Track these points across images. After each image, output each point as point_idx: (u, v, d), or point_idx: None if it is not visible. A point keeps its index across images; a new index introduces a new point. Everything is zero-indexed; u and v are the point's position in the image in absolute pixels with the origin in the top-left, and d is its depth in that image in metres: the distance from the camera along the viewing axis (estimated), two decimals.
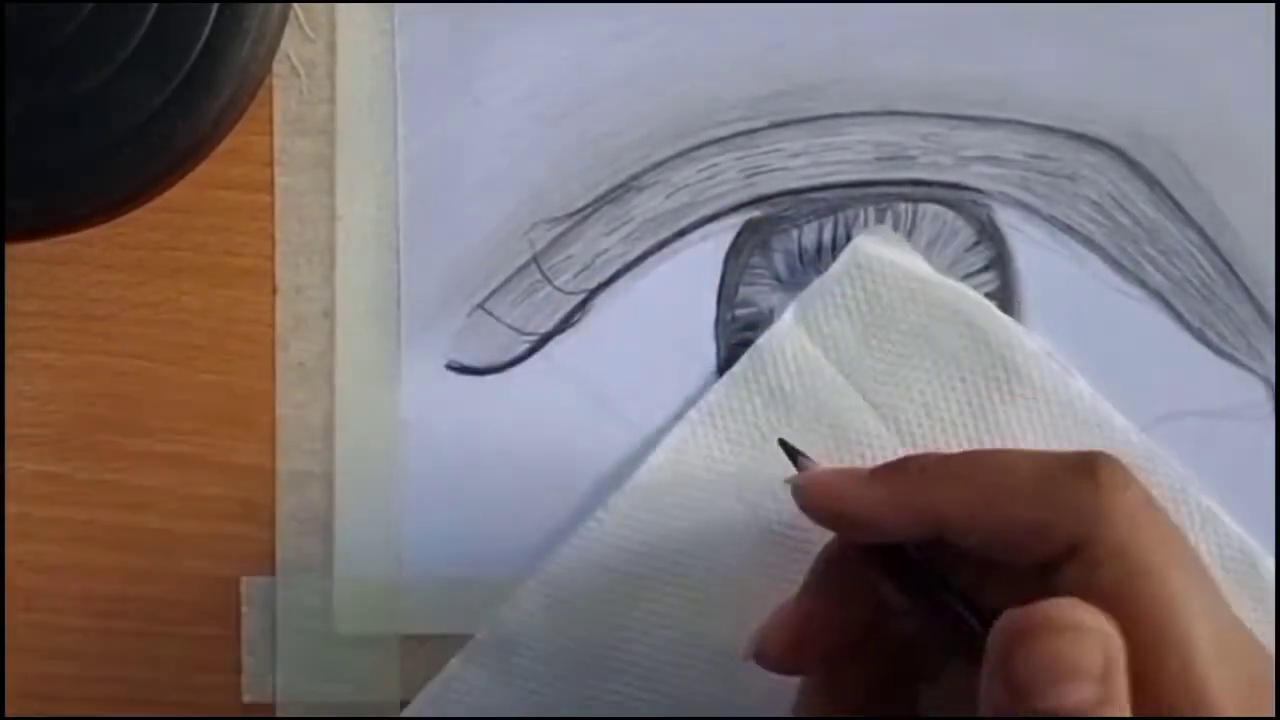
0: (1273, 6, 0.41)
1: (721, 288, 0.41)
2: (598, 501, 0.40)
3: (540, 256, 0.41)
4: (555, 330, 0.41)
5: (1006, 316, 0.40)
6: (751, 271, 0.41)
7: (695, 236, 0.41)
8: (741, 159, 0.41)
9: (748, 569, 0.39)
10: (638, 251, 0.41)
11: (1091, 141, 0.41)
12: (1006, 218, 0.41)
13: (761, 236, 0.41)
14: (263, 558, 0.40)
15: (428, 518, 0.40)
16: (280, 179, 0.40)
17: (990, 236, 0.41)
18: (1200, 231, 0.41)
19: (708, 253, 0.41)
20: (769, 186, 0.41)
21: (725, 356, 0.40)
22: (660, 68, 0.41)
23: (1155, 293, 0.41)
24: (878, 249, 0.40)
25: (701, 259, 0.41)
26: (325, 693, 0.40)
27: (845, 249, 0.40)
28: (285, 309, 0.40)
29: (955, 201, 0.41)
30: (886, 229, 0.41)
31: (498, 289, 0.41)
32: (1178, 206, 0.41)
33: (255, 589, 0.40)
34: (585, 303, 0.41)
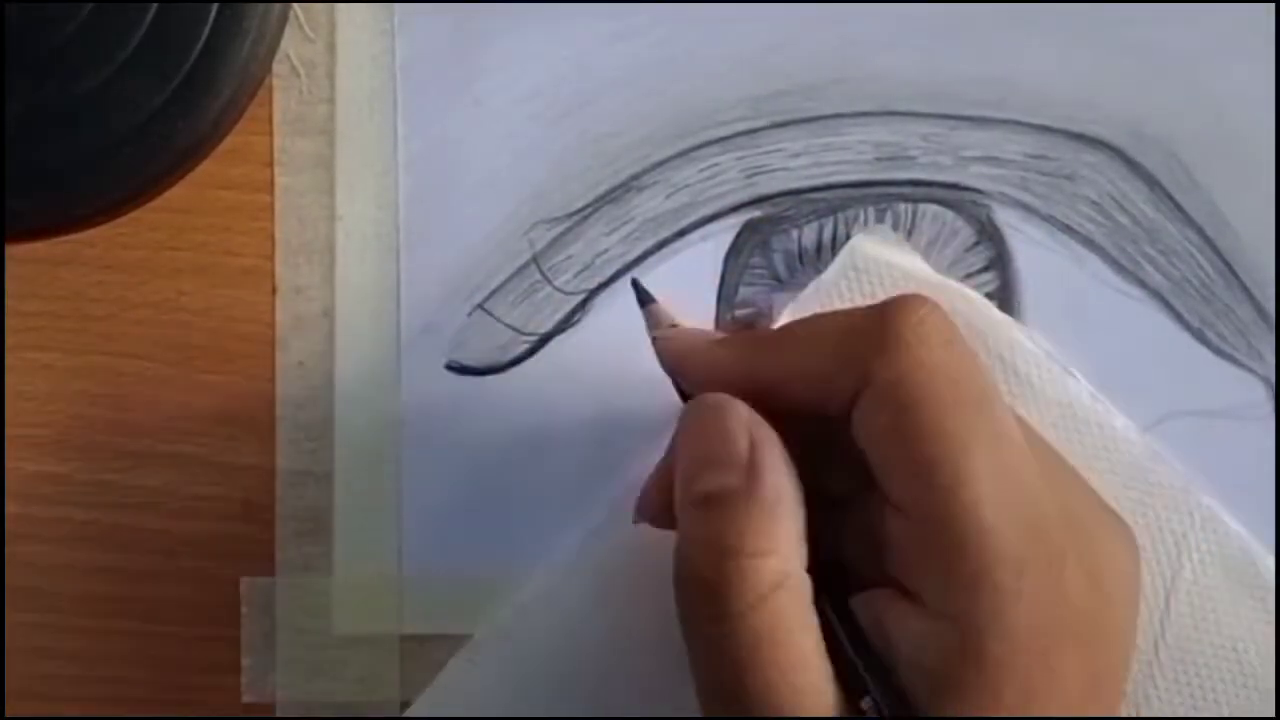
0: (1272, 6, 0.41)
1: (721, 288, 0.41)
2: (598, 502, 0.40)
3: (540, 256, 0.41)
4: (555, 330, 0.41)
5: (1006, 316, 0.40)
6: (751, 271, 0.41)
7: (695, 236, 0.41)
8: (742, 159, 0.41)
9: None
10: (638, 251, 0.41)
11: (1091, 141, 0.41)
12: (1006, 218, 0.41)
13: (762, 236, 0.41)
14: (262, 558, 0.40)
15: (428, 518, 0.40)
16: (280, 179, 0.40)
17: (990, 236, 0.41)
18: (1200, 231, 0.41)
19: (708, 253, 0.41)
20: (769, 186, 0.41)
21: None
22: (660, 68, 0.41)
23: (1155, 293, 0.41)
24: (874, 249, 0.40)
25: (701, 259, 0.41)
26: (325, 693, 0.40)
27: (842, 250, 0.40)
28: (285, 309, 0.40)
29: (955, 201, 0.41)
30: (884, 228, 0.41)
31: (498, 289, 0.41)
32: (1177, 206, 0.41)
33: (255, 589, 0.40)
34: (585, 303, 0.41)
